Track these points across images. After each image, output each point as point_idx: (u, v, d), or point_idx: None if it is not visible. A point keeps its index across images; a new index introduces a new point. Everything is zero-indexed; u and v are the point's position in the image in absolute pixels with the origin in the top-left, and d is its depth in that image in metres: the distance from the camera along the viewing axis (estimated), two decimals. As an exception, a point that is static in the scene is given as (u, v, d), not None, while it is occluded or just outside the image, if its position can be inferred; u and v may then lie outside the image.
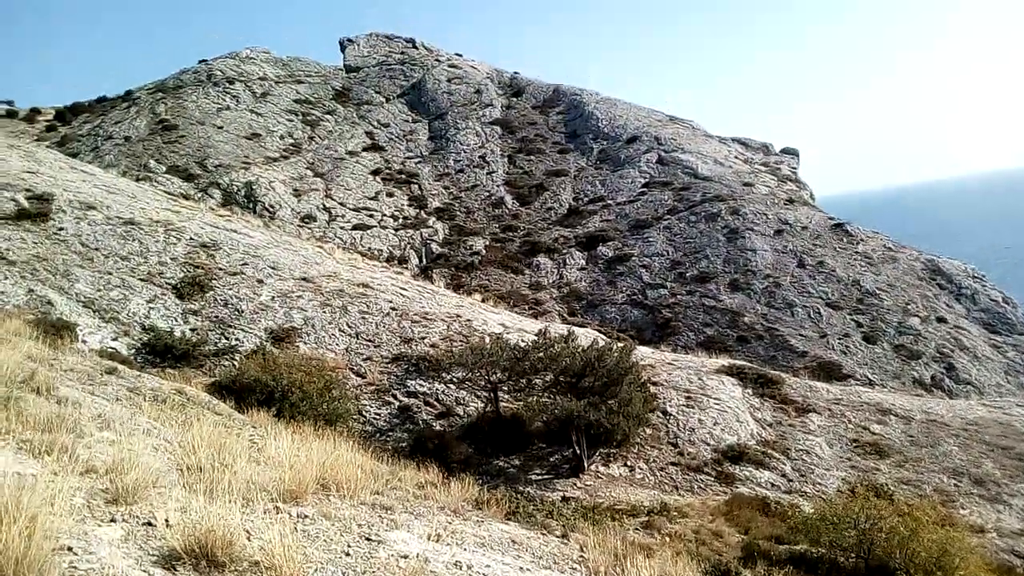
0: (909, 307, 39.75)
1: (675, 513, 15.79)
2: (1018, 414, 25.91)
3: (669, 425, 20.92)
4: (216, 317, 21.99)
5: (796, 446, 21.22)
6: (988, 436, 23.48)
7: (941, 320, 39.14)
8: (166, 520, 4.79)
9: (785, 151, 63.46)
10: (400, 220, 49.71)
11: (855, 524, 13.66)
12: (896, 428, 23.30)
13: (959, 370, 35.57)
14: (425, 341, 22.96)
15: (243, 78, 64.07)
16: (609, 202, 50.99)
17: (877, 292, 40.58)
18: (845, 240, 45.54)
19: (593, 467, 18.43)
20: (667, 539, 13.18)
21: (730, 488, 18.29)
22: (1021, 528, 18.64)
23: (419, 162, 57.75)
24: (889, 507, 14.17)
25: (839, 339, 36.88)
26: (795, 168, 60.02)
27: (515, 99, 67.62)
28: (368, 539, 5.96)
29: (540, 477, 17.93)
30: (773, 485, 19.06)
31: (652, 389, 21.61)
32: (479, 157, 57.94)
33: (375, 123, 61.99)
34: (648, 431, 20.25)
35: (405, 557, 5.69)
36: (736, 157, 57.77)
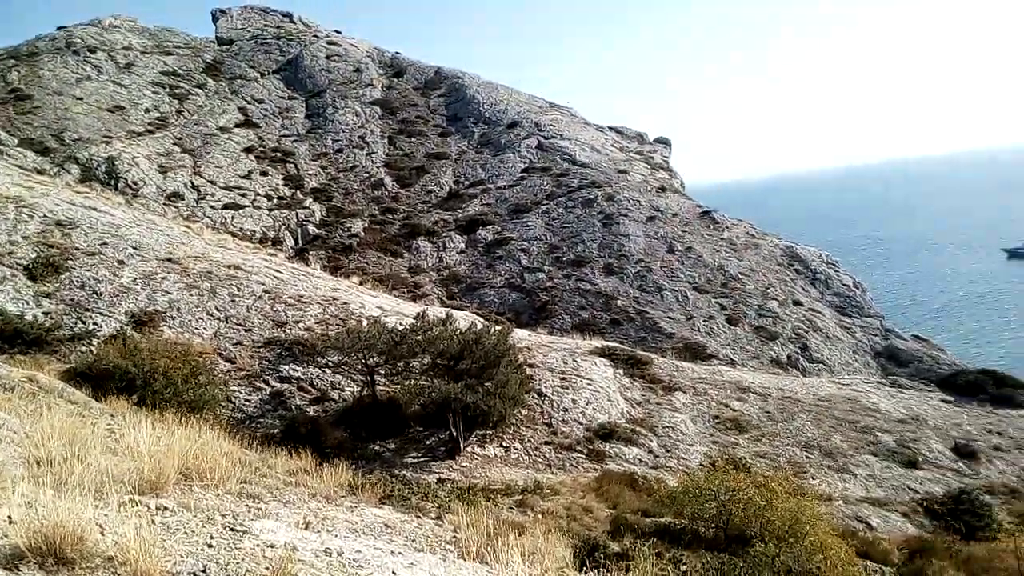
0: (769, 291, 42.04)
1: (548, 491, 16.20)
2: (864, 391, 28.00)
3: (544, 406, 21.39)
4: (72, 300, 20.76)
5: (663, 423, 22.15)
6: (837, 411, 25.26)
7: (797, 303, 41.62)
8: (8, 517, 4.55)
9: (658, 140, 65.56)
10: (275, 200, 48.24)
11: (715, 496, 14.43)
12: (754, 405, 24.69)
13: (812, 350, 37.98)
14: (300, 325, 22.48)
15: (106, 47, 60.24)
16: (489, 186, 51.25)
17: (740, 276, 42.69)
18: (712, 227, 47.62)
19: (469, 449, 18.64)
20: (539, 516, 13.52)
21: (601, 465, 18.93)
22: (864, 496, 20.21)
23: (295, 141, 56.15)
24: (747, 479, 15.02)
25: (704, 321, 38.62)
26: (667, 157, 62.13)
27: (396, 80, 66.70)
28: (232, 529, 5.86)
29: (417, 460, 17.98)
30: (641, 461, 19.85)
31: (528, 371, 22.02)
32: (359, 137, 56.91)
33: (249, 99, 59.76)
34: (524, 412, 20.64)
35: (271, 546, 5.62)
36: (612, 145, 59.21)
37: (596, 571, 9.27)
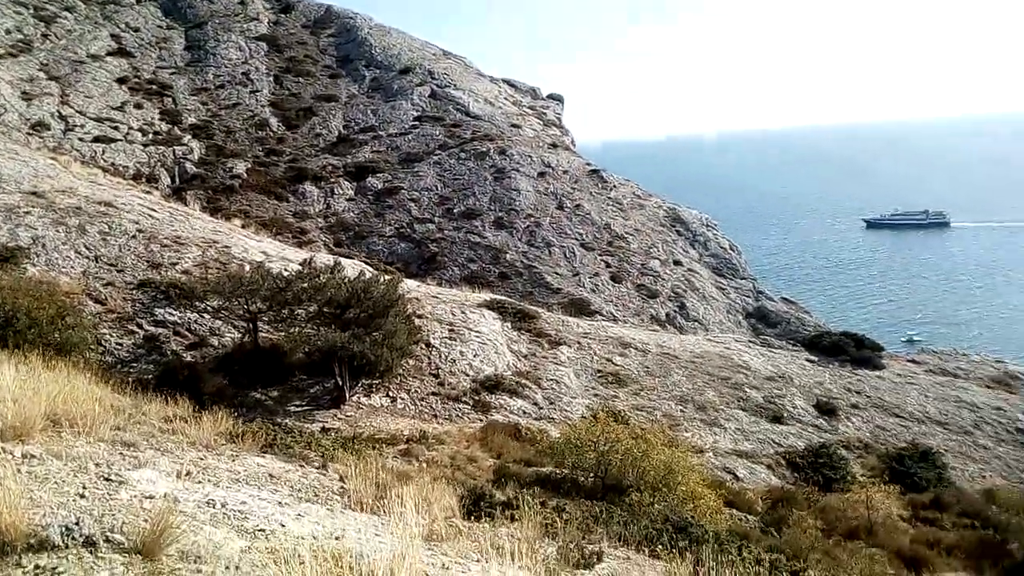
0: (652, 250, 43.25)
1: (434, 441, 16.22)
2: (736, 349, 29.35)
3: (432, 357, 21.33)
4: (-81, 232, 19.00)
5: (547, 376, 22.55)
6: (711, 368, 26.40)
7: (677, 263, 43.04)
8: None
9: (551, 96, 65.64)
10: (150, 135, 45.47)
11: (595, 447, 14.85)
12: (635, 360, 25.47)
13: (690, 309, 39.47)
14: (177, 267, 21.42)
15: (-45, -45, 54.61)
16: (380, 133, 50.07)
17: (625, 236, 43.68)
18: (600, 186, 48.36)
19: (355, 398, 18.41)
20: (425, 466, 13.53)
21: (486, 416, 19.11)
22: (733, 448, 21.30)
23: (174, 73, 52.92)
24: (625, 431, 15.52)
25: (590, 278, 39.40)
26: (559, 114, 62.36)
27: (284, 15, 63.68)
28: (107, 479, 5.53)
29: (300, 409, 17.61)
30: (525, 412, 20.17)
31: (417, 322, 21.86)
32: (242, 74, 54.20)
33: (123, 26, 55.71)
34: (411, 362, 20.52)
35: (150, 497, 5.34)
36: (506, 98, 58.88)
37: (482, 520, 9.35)
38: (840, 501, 17.61)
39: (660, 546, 9.33)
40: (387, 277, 21.51)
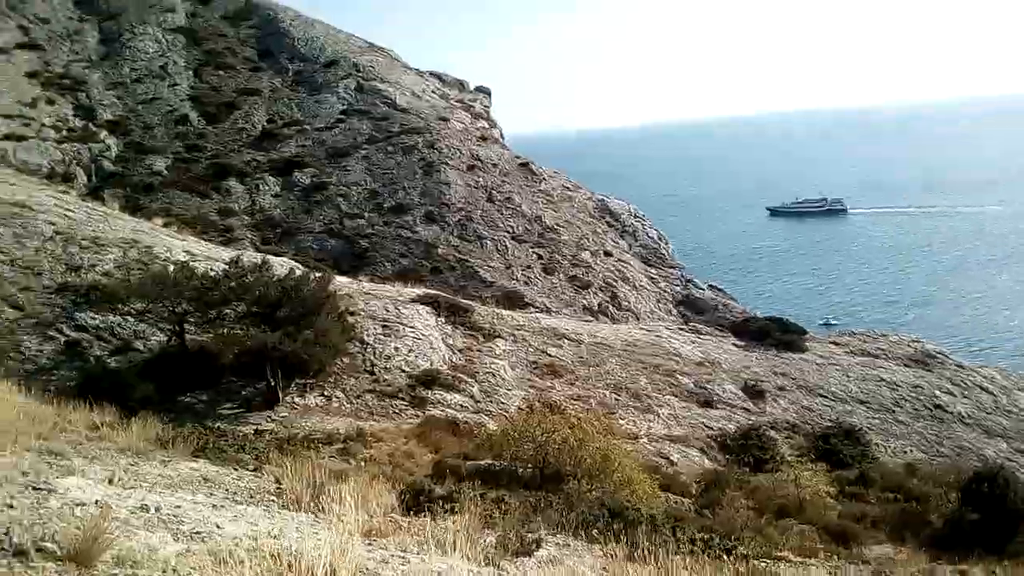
0: (582, 242, 43.71)
1: (371, 438, 16.15)
2: (667, 336, 29.94)
3: (366, 354, 21.18)
4: None
5: (483, 369, 22.63)
6: (643, 356, 26.88)
7: (608, 254, 43.60)
8: None
9: (479, 89, 65.57)
10: (64, 132, 43.75)
11: (533, 438, 15.02)
12: (569, 350, 25.76)
13: (621, 298, 40.07)
14: (97, 269, 20.75)
15: None
16: (306, 127, 49.24)
17: (556, 228, 44.03)
18: (530, 178, 48.58)
19: (289, 398, 18.17)
20: (363, 464, 13.47)
21: (423, 411, 19.10)
22: (666, 434, 21.76)
23: (87, 67, 50.97)
24: (561, 421, 15.74)
25: (522, 270, 39.61)
26: (488, 107, 62.37)
27: (201, 7, 61.83)
28: (36, 488, 5.38)
29: (232, 411, 17.29)
30: (462, 406, 20.22)
31: (350, 319, 21.65)
32: (159, 67, 52.54)
33: (31, 17, 53.33)
34: (346, 360, 20.34)
35: (82, 505, 5.22)
36: (433, 91, 58.58)
37: (422, 514, 9.37)
38: (770, 481, 18.19)
39: (596, 531, 9.52)
40: (318, 274, 21.26)
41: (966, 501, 15.96)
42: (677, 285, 43.81)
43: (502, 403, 21.01)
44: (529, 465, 15.14)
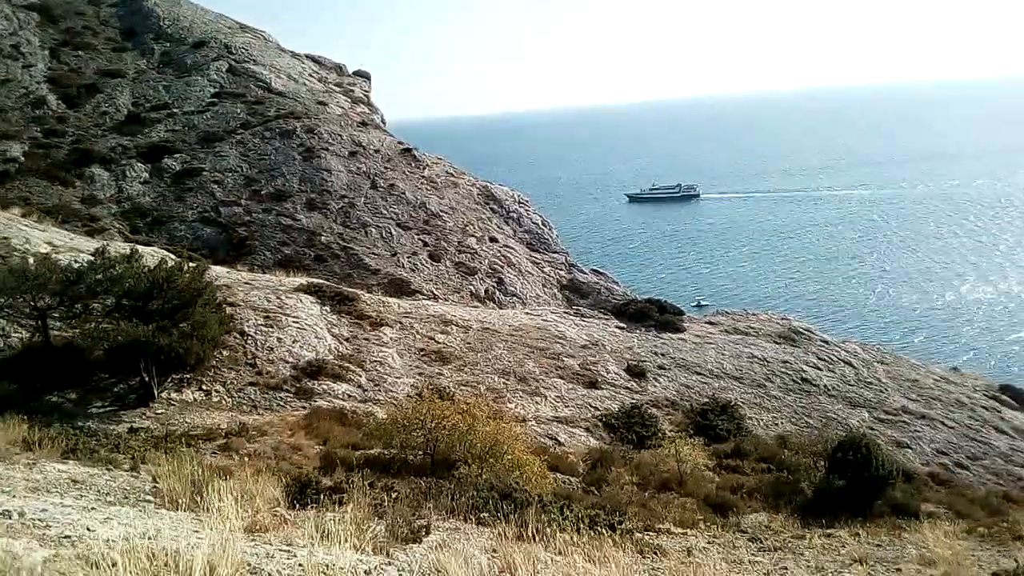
0: (468, 228, 43.75)
1: (254, 432, 15.69)
2: (552, 320, 30.42)
3: (247, 345, 20.52)
4: None
5: (371, 358, 22.35)
6: (529, 340, 27.23)
7: (493, 240, 43.83)
8: None
9: (358, 73, 64.32)
10: (-99, 115, 40.12)
11: (422, 425, 14.99)
12: (457, 337, 25.79)
13: (507, 284, 40.39)
14: (-55, 263, 19.16)
15: None
16: (175, 111, 46.96)
17: (441, 214, 43.88)
18: (413, 164, 48.15)
19: (165, 394, 17.39)
20: (246, 459, 13.07)
21: (310, 403, 18.69)
22: (554, 416, 22.15)
23: (-75, 45, 46.87)
24: (451, 408, 15.78)
25: (408, 257, 39.29)
26: (367, 91, 61.29)
27: (57, -18, 57.96)
28: None
29: (103, 410, 16.39)
30: (350, 396, 19.92)
31: (229, 310, 20.91)
32: (11, 47, 48.80)
33: None
34: (225, 353, 19.64)
35: (-67, 514, 4.83)
36: (311, 75, 57.05)
37: (309, 507, 9.21)
38: (652, 456, 18.85)
39: (487, 513, 9.62)
40: (192, 264, 20.38)
41: (833, 469, 17.03)
42: (562, 270, 44.52)
43: (391, 391, 20.83)
44: (419, 452, 15.11)
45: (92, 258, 18.81)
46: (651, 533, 12.31)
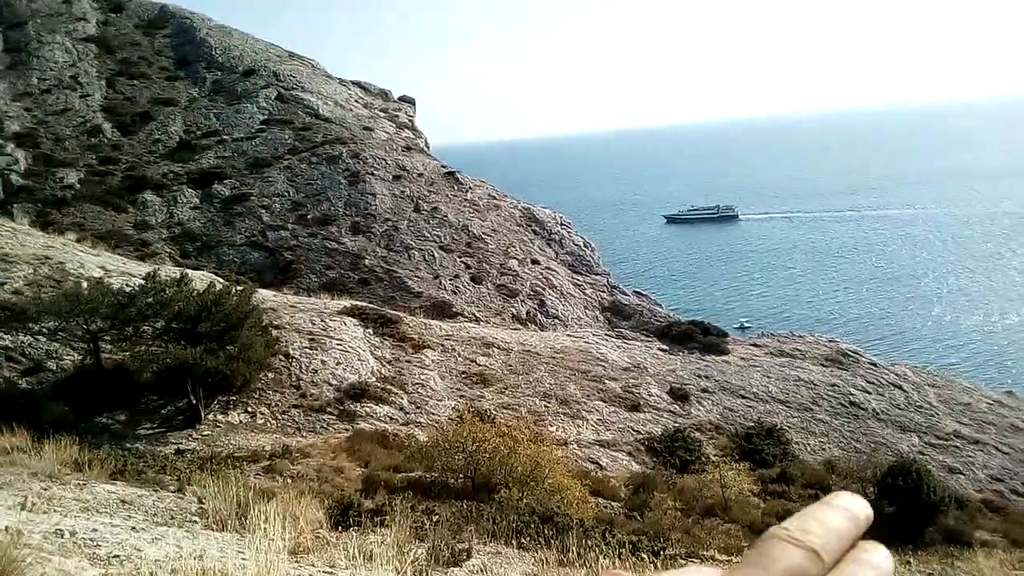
0: (509, 250, 43.91)
1: (298, 454, 15.87)
2: (594, 342, 30.30)
3: (292, 368, 20.81)
4: None
5: (413, 380, 22.49)
6: (571, 362, 27.14)
7: (535, 262, 43.90)
8: None
9: (403, 99, 65.29)
10: (-35, 144, 41.75)
11: (463, 448, 15.01)
12: (498, 359, 25.83)
13: (549, 306, 40.37)
14: (5, 287, 19.85)
15: None
16: (225, 137, 48.15)
17: (483, 236, 44.12)
18: (456, 187, 48.59)
19: (211, 416, 17.70)
20: (290, 481, 13.24)
21: (352, 425, 18.86)
22: (595, 439, 22.01)
23: (-10, 77, 48.83)
24: (492, 430, 15.78)
25: (450, 280, 39.54)
26: (412, 116, 62.14)
27: (113, 15, 60.03)
28: (-60, 518, 5.12)
29: (151, 431, 16.75)
30: (392, 418, 20.05)
31: (274, 332, 21.27)
32: (70, 77, 50.68)
33: (-74, 24, 50.89)
34: (270, 375, 19.95)
35: (-10, 532, 4.99)
36: (356, 101, 58.08)
37: (351, 529, 9.27)
38: (696, 482, 18.60)
39: (527, 538, 9.58)
40: (239, 288, 20.81)
41: (882, 495, 16.63)
42: (603, 291, 44.37)
43: (432, 413, 20.92)
44: (460, 475, 15.12)
45: (143, 282, 19.33)
46: (695, 560, 12.13)
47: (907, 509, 15.91)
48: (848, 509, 0.64)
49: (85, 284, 19.67)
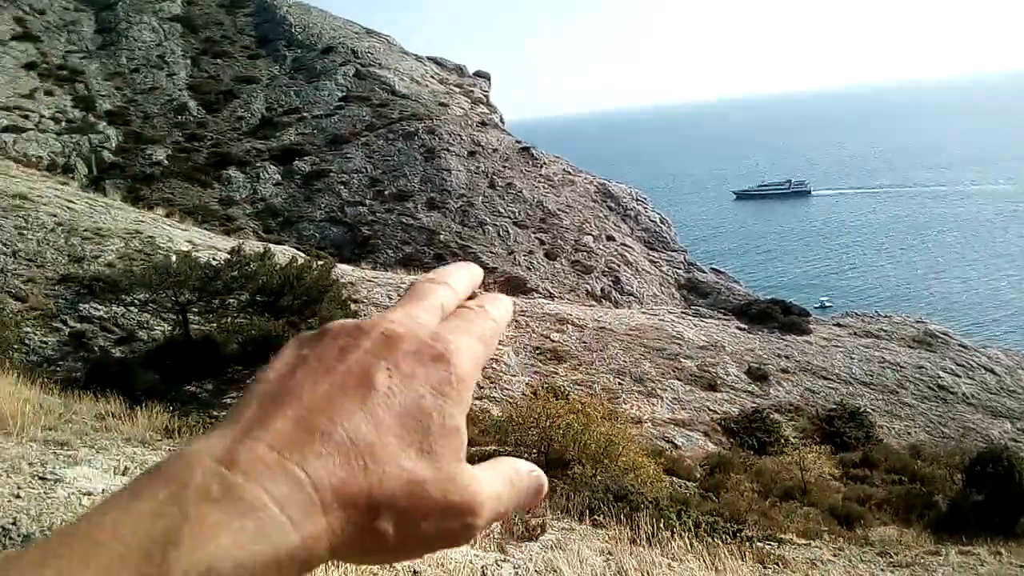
0: (584, 226, 43.63)
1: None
2: (670, 320, 29.93)
3: (369, 341, 21.17)
4: None
5: (487, 356, 22.61)
6: (646, 340, 26.89)
7: (610, 238, 43.53)
8: None
9: (478, 74, 65.26)
10: (63, 123, 43.65)
11: (537, 423, 15.06)
12: (572, 336, 25.77)
13: (624, 283, 40.03)
14: (100, 260, 20.75)
15: None
16: (305, 114, 49.09)
17: (558, 212, 43.95)
18: (531, 163, 48.45)
19: (292, 386, 18.18)
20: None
21: (427, 398, 19.10)
22: (670, 417, 21.80)
23: (84, 58, 50.82)
24: (565, 406, 15.78)
25: (525, 256, 39.58)
26: (487, 92, 62.09)
27: (198, -5, 61.62)
28: (42, 478, 5.39)
29: (236, 400, 17.33)
30: (466, 393, 20.22)
31: (353, 307, 21.68)
32: (157, 56, 52.36)
33: (27, 8, 53.12)
34: (348, 348, 20.34)
35: (89, 494, 5.24)
36: (432, 77, 58.35)
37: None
38: (774, 463, 18.25)
39: (601, 515, 9.57)
40: (320, 262, 21.26)
41: (970, 483, 16.00)
42: (680, 268, 43.75)
43: (506, 388, 21.05)
44: (534, 450, 15.18)
45: (228, 256, 19.92)
46: (772, 543, 11.91)
47: (997, 498, 15.26)
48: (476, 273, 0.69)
49: (174, 258, 20.40)
